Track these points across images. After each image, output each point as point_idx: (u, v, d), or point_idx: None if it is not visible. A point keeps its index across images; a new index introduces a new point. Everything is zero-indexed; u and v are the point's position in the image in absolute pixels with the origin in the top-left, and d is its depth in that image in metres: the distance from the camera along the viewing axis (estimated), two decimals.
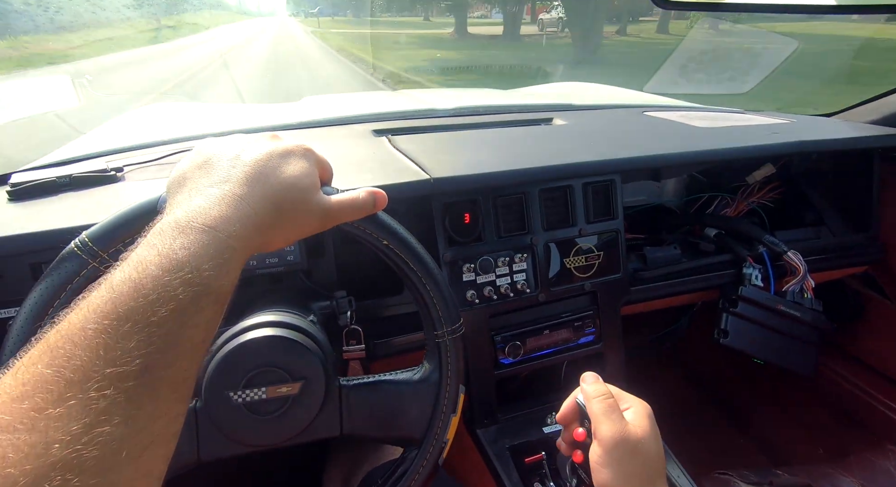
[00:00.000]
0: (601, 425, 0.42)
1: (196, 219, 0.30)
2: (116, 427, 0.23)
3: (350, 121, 1.00)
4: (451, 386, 0.47)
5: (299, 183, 0.35)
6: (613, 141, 0.85)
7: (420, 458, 0.46)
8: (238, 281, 0.31)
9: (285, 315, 0.46)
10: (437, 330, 0.46)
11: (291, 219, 0.35)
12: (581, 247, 0.74)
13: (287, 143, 0.38)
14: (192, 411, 0.42)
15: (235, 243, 0.30)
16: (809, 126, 0.98)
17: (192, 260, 0.28)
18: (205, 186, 0.33)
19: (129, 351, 0.25)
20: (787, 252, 0.81)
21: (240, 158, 0.35)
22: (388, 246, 0.44)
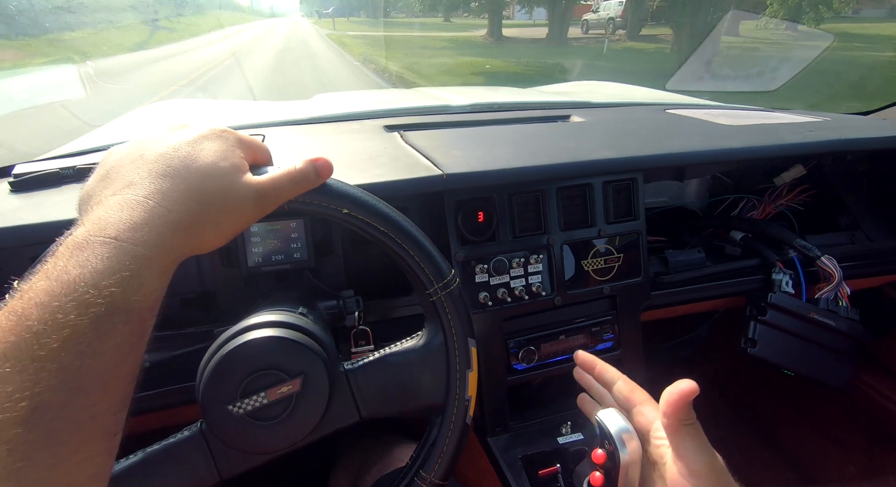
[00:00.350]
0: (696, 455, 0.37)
1: (94, 231, 0.26)
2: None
3: (361, 116, 0.98)
4: (459, 342, 0.44)
5: (216, 168, 0.31)
6: (634, 138, 0.81)
7: (447, 422, 0.44)
8: (242, 279, 0.28)
9: (268, 314, 0.43)
10: (428, 288, 0.43)
11: (218, 210, 0.31)
12: (600, 249, 0.71)
13: (196, 130, 0.34)
14: (200, 433, 0.40)
15: (147, 250, 0.27)
16: (846, 124, 0.92)
17: (89, 277, 0.24)
18: (107, 196, 0.29)
19: (9, 396, 0.21)
20: (821, 257, 0.77)
21: (143, 157, 0.31)
22: (350, 215, 0.40)
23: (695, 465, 0.36)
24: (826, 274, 0.77)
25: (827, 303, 0.77)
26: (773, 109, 1.09)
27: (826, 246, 0.81)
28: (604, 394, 0.49)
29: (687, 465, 0.36)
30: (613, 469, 0.42)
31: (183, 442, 0.40)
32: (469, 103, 1.07)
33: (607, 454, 0.43)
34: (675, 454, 0.37)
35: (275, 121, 0.94)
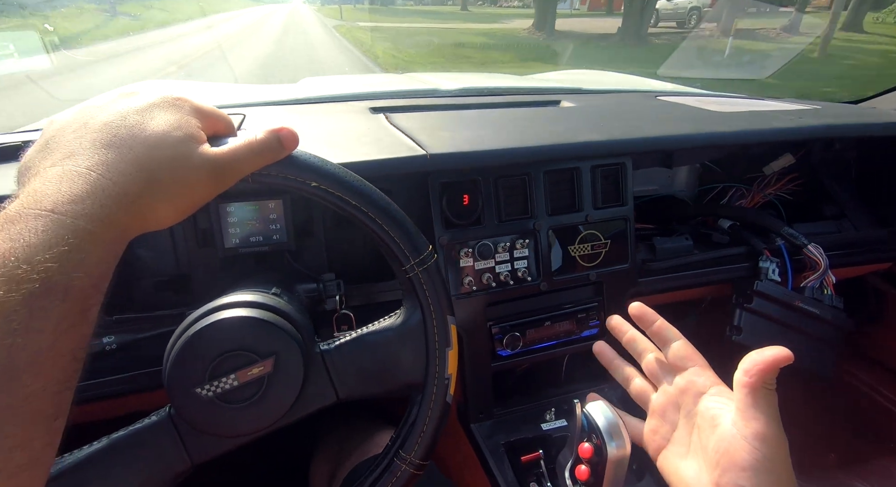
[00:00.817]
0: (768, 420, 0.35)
1: (29, 204, 0.24)
2: None
3: (347, 98, 0.95)
4: (438, 320, 0.43)
5: (168, 138, 0.29)
6: (624, 123, 0.80)
7: (426, 401, 0.43)
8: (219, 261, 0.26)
9: (241, 294, 0.42)
10: (404, 264, 0.42)
11: (169, 182, 0.29)
12: (587, 235, 0.70)
13: (146, 97, 0.31)
14: (168, 418, 0.38)
15: (89, 225, 0.25)
16: (835, 112, 0.92)
17: (21, 251, 0.23)
18: (45, 168, 0.27)
19: None
20: (808, 245, 0.76)
21: (87, 125, 0.29)
22: (318, 188, 0.38)
23: (764, 429, 0.34)
24: (812, 263, 0.77)
25: (812, 292, 0.77)
26: (763, 97, 1.08)
27: (813, 234, 0.81)
28: (629, 374, 0.46)
29: (755, 427, 0.35)
30: (600, 463, 0.41)
31: (150, 428, 0.38)
32: (458, 87, 1.05)
33: (594, 448, 0.42)
34: (742, 415, 0.35)
35: (256, 102, 0.91)
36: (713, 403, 0.39)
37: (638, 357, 0.46)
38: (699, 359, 0.42)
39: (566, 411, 0.68)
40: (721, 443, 0.36)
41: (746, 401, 0.35)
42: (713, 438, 0.37)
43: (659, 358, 0.45)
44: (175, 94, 0.32)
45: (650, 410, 0.44)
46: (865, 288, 0.94)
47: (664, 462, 0.41)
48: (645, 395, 0.45)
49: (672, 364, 0.43)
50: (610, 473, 0.41)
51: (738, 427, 0.35)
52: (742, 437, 0.35)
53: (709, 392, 0.40)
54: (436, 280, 0.43)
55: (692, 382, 0.41)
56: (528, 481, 0.60)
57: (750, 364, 0.36)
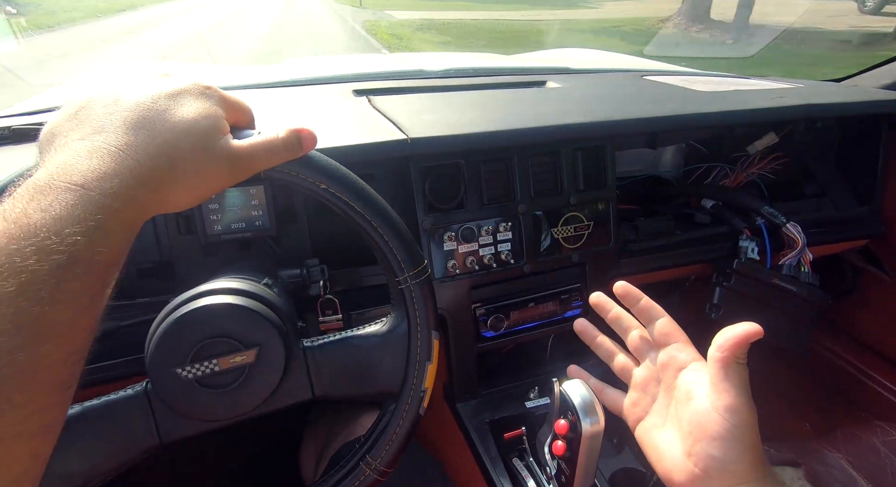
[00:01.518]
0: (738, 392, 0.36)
1: (58, 176, 0.25)
2: None
3: (331, 80, 0.94)
4: (423, 333, 0.44)
5: (196, 126, 0.30)
6: (607, 104, 0.80)
7: (399, 410, 0.44)
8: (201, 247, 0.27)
9: (231, 281, 0.42)
10: (398, 276, 0.43)
11: (191, 170, 0.30)
12: (570, 217, 0.70)
13: (179, 82, 0.32)
14: (144, 393, 0.39)
15: (115, 203, 0.26)
16: (817, 90, 0.92)
17: (51, 223, 0.23)
18: (74, 140, 0.27)
19: None
20: (787, 224, 0.78)
21: (119, 103, 0.29)
22: (327, 190, 0.39)
23: (734, 401, 0.36)
24: (790, 241, 0.79)
25: (790, 269, 0.79)
26: (748, 77, 1.08)
27: (792, 213, 0.82)
28: (611, 350, 0.48)
29: (726, 400, 0.36)
30: (575, 439, 0.43)
31: (124, 400, 0.39)
32: (443, 68, 1.04)
33: (570, 424, 0.43)
34: (715, 388, 0.37)
35: (239, 84, 0.89)
36: (690, 377, 0.40)
37: (623, 333, 0.48)
38: (681, 336, 0.44)
39: (549, 389, 0.70)
40: (694, 415, 0.37)
41: (718, 375, 0.37)
42: (687, 410, 0.38)
43: (643, 335, 0.46)
44: (205, 83, 0.33)
45: (632, 384, 0.45)
46: (843, 265, 0.96)
47: (642, 432, 0.43)
48: (627, 370, 0.46)
49: (655, 340, 0.44)
50: (584, 448, 0.42)
51: (711, 400, 0.37)
52: (714, 409, 0.36)
53: (688, 367, 0.41)
54: (426, 294, 0.43)
55: (673, 358, 0.42)
56: (511, 456, 0.62)
57: (722, 339, 0.37)
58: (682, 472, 0.37)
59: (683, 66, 1.22)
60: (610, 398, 0.47)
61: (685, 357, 0.42)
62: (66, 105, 0.30)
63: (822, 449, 0.89)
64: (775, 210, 0.79)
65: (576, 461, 0.43)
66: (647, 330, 0.46)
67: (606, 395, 0.47)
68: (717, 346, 0.37)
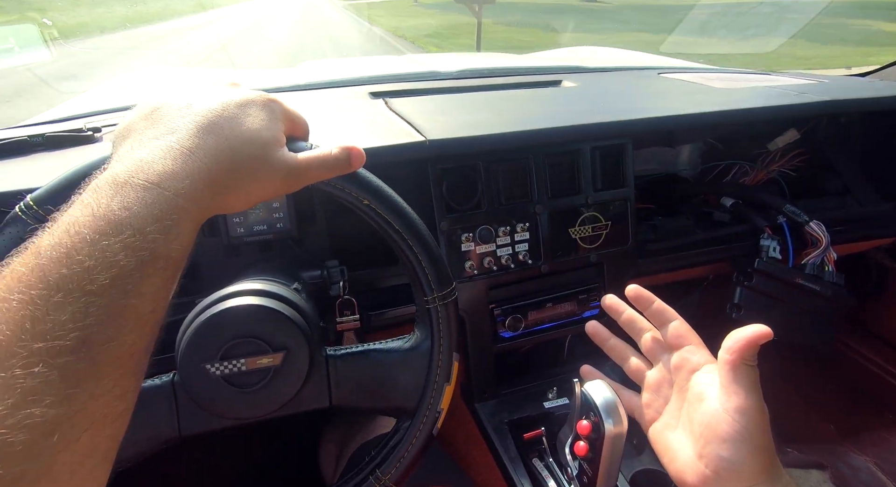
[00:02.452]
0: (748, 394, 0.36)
1: (137, 174, 0.26)
2: (48, 408, 0.21)
3: (347, 83, 0.95)
4: (444, 355, 0.45)
5: (258, 136, 0.31)
6: (624, 102, 0.80)
7: (413, 429, 0.45)
8: (224, 249, 0.28)
9: (265, 283, 0.43)
10: (426, 295, 0.44)
11: (250, 176, 0.31)
12: (588, 217, 0.70)
13: (247, 93, 0.33)
14: (171, 384, 0.40)
15: (184, 203, 0.27)
16: (840, 86, 0.90)
17: (134, 221, 0.25)
18: (149, 138, 0.29)
19: (63, 324, 0.22)
20: (809, 222, 0.76)
21: (191, 107, 0.31)
22: (369, 206, 0.40)
23: (744, 402, 0.36)
24: (813, 240, 0.77)
25: (813, 269, 0.78)
26: (768, 72, 1.06)
27: (815, 211, 0.81)
28: (624, 352, 0.48)
29: (735, 401, 0.36)
30: (598, 439, 0.43)
31: (151, 389, 0.40)
32: (458, 69, 1.04)
33: (592, 425, 0.43)
34: (725, 390, 0.37)
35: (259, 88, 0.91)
36: (702, 379, 0.40)
37: (636, 335, 0.48)
38: (694, 338, 0.44)
39: (568, 390, 0.70)
40: (705, 417, 0.38)
41: (728, 377, 0.37)
42: (698, 412, 0.38)
43: (655, 337, 0.46)
44: (270, 95, 0.34)
45: (645, 385, 0.46)
46: (869, 264, 0.94)
47: (655, 433, 0.43)
48: (641, 372, 0.46)
49: (668, 342, 0.44)
50: (607, 449, 0.42)
51: (721, 402, 0.37)
52: (724, 411, 0.36)
53: (701, 369, 0.41)
54: (452, 316, 0.44)
55: (686, 360, 0.42)
56: (531, 457, 0.62)
57: (731, 342, 0.37)
58: (693, 473, 0.37)
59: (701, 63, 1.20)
60: (625, 398, 0.47)
61: (698, 359, 0.42)
62: (140, 105, 0.32)
63: (848, 452, 0.87)
64: (797, 208, 0.78)
65: (598, 462, 0.43)
66: (660, 332, 0.46)
67: (621, 396, 0.47)
68: (727, 348, 0.37)
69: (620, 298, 0.49)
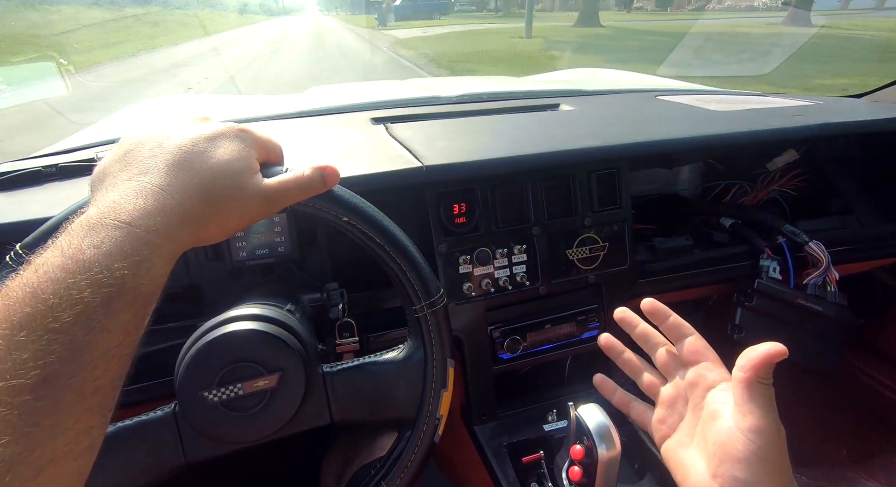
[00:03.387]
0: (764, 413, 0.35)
1: (108, 215, 0.27)
2: (3, 447, 0.21)
3: (351, 109, 0.98)
4: (438, 361, 0.45)
5: (229, 167, 0.33)
6: (620, 126, 0.81)
7: (414, 437, 0.45)
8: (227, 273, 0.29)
9: (257, 307, 0.44)
10: (414, 304, 0.44)
11: (225, 207, 0.32)
12: (585, 238, 0.71)
13: (216, 126, 0.35)
14: (172, 415, 0.41)
15: (157, 239, 0.28)
16: (836, 107, 0.91)
17: (103, 258, 0.26)
18: (122, 180, 0.30)
19: (24, 363, 0.23)
20: (809, 242, 0.76)
21: (162, 146, 0.32)
22: (348, 223, 0.41)
23: (759, 422, 0.35)
24: (814, 260, 0.77)
25: (815, 289, 0.77)
26: (766, 94, 1.07)
27: (816, 231, 0.81)
28: (638, 367, 0.46)
29: (750, 421, 0.35)
30: (591, 464, 0.43)
31: (154, 421, 0.41)
32: (458, 94, 1.07)
33: (585, 450, 0.43)
34: (739, 409, 0.36)
35: (262, 116, 0.94)
36: (717, 396, 0.39)
37: (650, 350, 0.46)
38: (711, 355, 0.43)
39: (567, 412, 0.70)
40: (719, 435, 0.37)
41: (743, 396, 0.36)
42: (713, 430, 0.38)
43: (671, 352, 0.45)
44: (240, 126, 0.36)
45: (659, 400, 0.44)
46: (873, 284, 0.93)
47: (668, 450, 0.42)
48: (654, 387, 0.45)
49: (684, 358, 0.43)
50: (601, 474, 0.42)
51: (736, 421, 0.36)
52: (739, 430, 0.35)
53: (717, 386, 0.40)
54: (442, 323, 0.45)
55: (702, 376, 0.41)
56: (529, 481, 0.61)
57: (745, 360, 0.37)
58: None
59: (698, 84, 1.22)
60: (637, 411, 0.45)
61: (714, 376, 0.41)
62: (114, 148, 0.34)
63: (857, 477, 0.85)
64: (797, 228, 0.78)
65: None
66: (675, 347, 0.45)
67: (634, 408, 0.46)
68: (741, 366, 0.37)
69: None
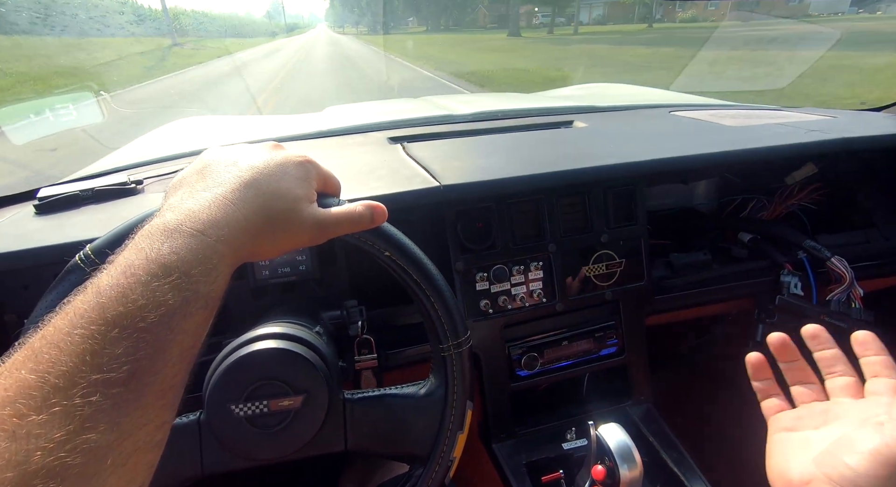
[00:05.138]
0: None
1: (185, 222, 0.30)
2: (102, 434, 0.23)
3: (368, 128, 1.00)
4: (458, 403, 0.45)
5: (291, 192, 0.35)
6: (635, 143, 0.81)
7: (426, 476, 0.45)
8: (250, 291, 0.30)
9: (289, 326, 0.45)
10: (441, 343, 0.45)
11: (281, 228, 0.34)
12: (601, 254, 0.71)
13: (287, 153, 0.37)
14: (196, 423, 0.42)
15: (224, 248, 0.30)
16: (854, 122, 0.90)
17: (181, 264, 0.28)
18: (199, 190, 0.33)
19: (117, 358, 0.25)
20: (831, 258, 0.75)
21: (237, 164, 0.35)
22: (389, 257, 0.43)
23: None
24: (836, 276, 0.76)
25: (838, 305, 0.76)
26: (781, 108, 1.07)
27: (838, 246, 0.79)
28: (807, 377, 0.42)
29: None
30: (613, 485, 0.42)
31: (178, 427, 0.42)
32: (472, 112, 1.08)
33: (607, 470, 0.43)
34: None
35: (284, 137, 0.97)
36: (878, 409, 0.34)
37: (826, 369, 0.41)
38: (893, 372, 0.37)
39: (586, 431, 0.69)
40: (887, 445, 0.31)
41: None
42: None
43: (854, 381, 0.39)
44: (308, 157, 0.39)
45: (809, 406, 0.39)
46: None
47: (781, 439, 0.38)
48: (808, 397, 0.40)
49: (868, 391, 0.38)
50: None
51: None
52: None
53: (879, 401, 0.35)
54: (465, 364, 0.46)
55: (876, 388, 0.37)
56: None
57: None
58: None
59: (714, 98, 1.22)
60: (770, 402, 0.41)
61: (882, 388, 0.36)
62: (194, 162, 0.37)
63: None
64: (818, 244, 0.77)
65: None
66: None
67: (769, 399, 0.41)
68: None
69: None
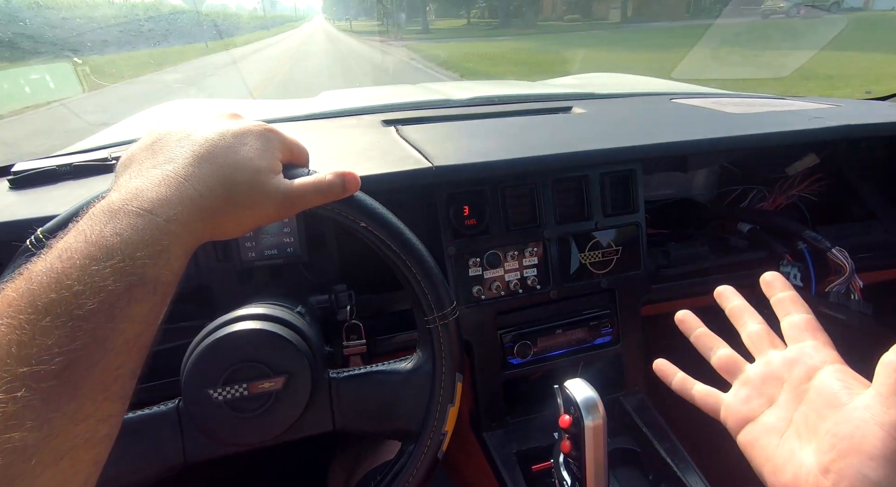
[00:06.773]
0: None
1: (131, 201, 0.27)
2: (28, 432, 0.21)
3: (361, 111, 0.98)
4: (447, 375, 0.44)
5: (252, 164, 0.32)
6: (635, 128, 0.79)
7: (418, 452, 0.44)
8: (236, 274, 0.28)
9: (268, 307, 0.44)
10: (426, 315, 0.43)
11: (243, 203, 0.32)
12: (598, 242, 0.69)
13: (245, 123, 0.35)
14: (175, 411, 0.40)
15: (176, 228, 0.28)
16: (858, 110, 0.89)
17: (125, 246, 0.26)
18: (147, 168, 0.30)
19: (48, 348, 0.23)
20: (832, 248, 0.74)
21: (189, 137, 0.32)
22: (366, 229, 0.41)
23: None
24: (837, 267, 0.74)
25: (838, 297, 0.75)
26: (783, 97, 1.05)
27: (839, 237, 0.78)
28: (713, 342, 0.42)
29: (894, 415, 0.29)
30: (579, 433, 0.43)
31: (157, 416, 0.40)
32: (469, 97, 1.06)
33: (572, 419, 0.43)
34: (883, 399, 0.30)
35: (274, 118, 0.94)
36: (834, 379, 0.34)
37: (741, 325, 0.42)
38: (822, 336, 0.37)
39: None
40: (843, 426, 0.31)
41: (891, 385, 0.30)
42: (830, 419, 0.32)
43: (767, 328, 0.40)
44: (268, 126, 0.36)
45: (742, 379, 0.39)
46: None
47: (749, 437, 0.36)
48: (734, 365, 0.40)
49: (786, 334, 0.39)
50: (589, 442, 0.42)
51: (873, 412, 0.30)
52: (876, 423, 0.30)
53: (826, 368, 0.35)
54: (453, 336, 0.44)
55: (807, 355, 0.36)
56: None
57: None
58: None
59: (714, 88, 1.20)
60: (702, 393, 0.41)
61: (823, 356, 0.36)
62: (144, 136, 0.34)
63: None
64: (819, 234, 0.76)
65: (583, 457, 0.42)
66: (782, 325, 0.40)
67: (697, 391, 0.41)
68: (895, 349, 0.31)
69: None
